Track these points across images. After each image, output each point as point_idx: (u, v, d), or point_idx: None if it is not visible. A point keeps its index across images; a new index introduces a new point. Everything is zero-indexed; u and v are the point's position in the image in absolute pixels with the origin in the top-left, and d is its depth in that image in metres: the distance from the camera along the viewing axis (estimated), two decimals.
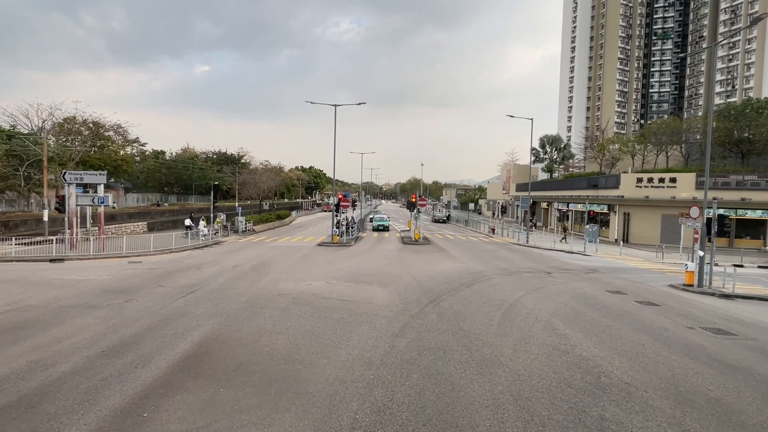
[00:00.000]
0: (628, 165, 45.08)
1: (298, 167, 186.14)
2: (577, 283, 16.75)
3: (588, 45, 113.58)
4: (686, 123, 42.72)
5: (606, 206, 37.13)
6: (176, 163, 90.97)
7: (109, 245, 22.09)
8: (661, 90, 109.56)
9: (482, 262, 21.70)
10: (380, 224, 42.12)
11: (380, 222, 42.70)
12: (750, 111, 37.88)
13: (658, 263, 25.32)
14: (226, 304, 12.13)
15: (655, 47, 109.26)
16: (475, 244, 31.85)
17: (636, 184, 34.19)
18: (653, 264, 24.89)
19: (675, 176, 32.68)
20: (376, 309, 11.72)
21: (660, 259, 26.38)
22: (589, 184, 40.44)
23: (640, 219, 34.11)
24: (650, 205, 33.72)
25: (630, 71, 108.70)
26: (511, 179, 68.04)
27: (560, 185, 47.86)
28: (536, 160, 63.30)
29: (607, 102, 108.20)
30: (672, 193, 32.61)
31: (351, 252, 25.39)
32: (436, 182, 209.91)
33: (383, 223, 42.25)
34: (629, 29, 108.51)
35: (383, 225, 41.99)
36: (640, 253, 29.21)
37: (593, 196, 38.71)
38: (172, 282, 15.41)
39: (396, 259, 22.49)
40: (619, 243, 33.91)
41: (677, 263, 25.39)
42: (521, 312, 11.66)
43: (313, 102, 30.51)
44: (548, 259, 24.53)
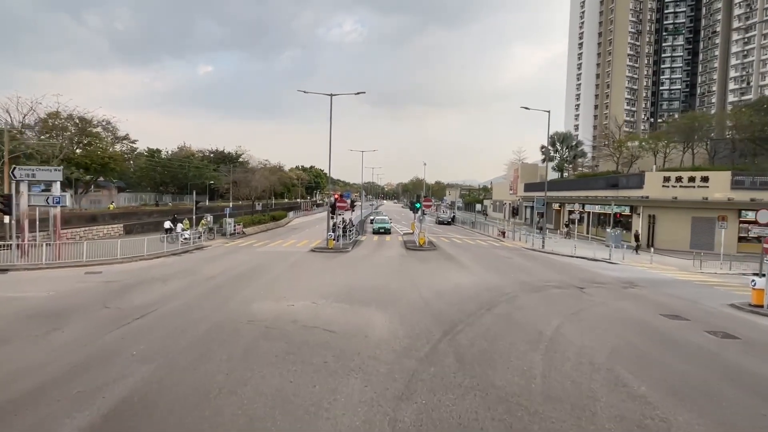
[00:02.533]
0: (648, 163, 42.00)
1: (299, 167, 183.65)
2: (621, 304, 13.73)
3: (596, 41, 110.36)
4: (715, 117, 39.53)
5: (628, 208, 34.04)
6: (171, 162, 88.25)
7: (69, 252, 19.20)
8: (671, 87, 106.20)
9: (499, 274, 18.69)
10: (381, 226, 39.12)
11: (381, 224, 39.69)
12: None
13: (696, 273, 22.26)
14: (177, 337, 9.20)
15: (665, 43, 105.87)
16: (485, 249, 28.83)
17: (663, 184, 31.13)
18: (691, 274, 21.83)
19: (707, 175, 29.61)
20: (372, 347, 8.76)
21: (697, 268, 23.31)
22: (607, 184, 37.37)
23: (667, 222, 31.04)
24: (678, 206, 30.65)
25: (640, 68, 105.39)
26: (518, 179, 64.95)
27: (574, 185, 44.80)
28: (546, 158, 60.18)
29: (616, 100, 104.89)
30: (703, 194, 29.53)
31: (347, 259, 22.42)
32: (439, 182, 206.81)
33: (384, 226, 39.25)
34: (639, 25, 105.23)
35: (384, 227, 38.97)
36: (672, 260, 26.14)
37: (613, 197, 35.59)
38: (124, 301, 12.49)
39: (398, 268, 19.50)
40: (643, 248, 30.87)
41: (719, 273, 22.35)
42: (567, 352, 8.67)
43: (307, 91, 27.66)
44: (572, 269, 21.49)
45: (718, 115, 38.99)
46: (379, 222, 40.63)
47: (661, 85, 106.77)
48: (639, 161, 42.77)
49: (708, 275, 21.66)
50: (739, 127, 33.42)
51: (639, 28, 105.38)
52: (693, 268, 23.44)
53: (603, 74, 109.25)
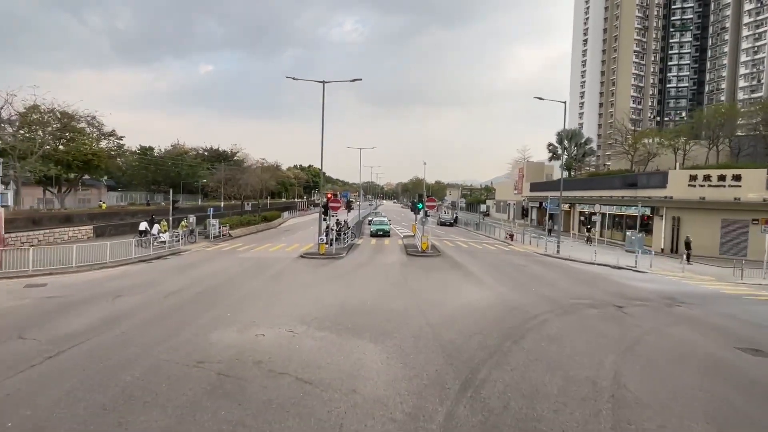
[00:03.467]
0: (667, 162, 39.32)
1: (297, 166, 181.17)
2: (677, 331, 10.97)
3: (601, 38, 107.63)
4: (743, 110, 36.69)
5: (649, 209, 31.26)
6: (164, 160, 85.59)
7: (14, 260, 16.44)
8: (679, 85, 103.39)
9: (517, 287, 15.93)
10: (379, 228, 36.16)
11: (379, 226, 36.68)
12: None
13: (739, 284, 19.51)
14: (88, 392, 6.45)
15: (673, 39, 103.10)
16: (495, 255, 26.06)
17: (689, 183, 28.39)
18: (734, 286, 19.08)
19: (739, 173, 26.86)
20: (363, 412, 6.00)
21: (738, 278, 20.56)
22: (624, 183, 34.63)
23: (693, 225, 28.29)
24: (707, 208, 27.91)
25: (646, 65, 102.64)
26: (523, 178, 62.24)
27: (586, 184, 42.07)
28: (552, 156, 57.47)
29: (621, 98, 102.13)
30: (735, 194, 26.80)
31: (339, 268, 19.65)
32: (439, 182, 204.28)
33: (383, 228, 36.33)
34: (646, 21, 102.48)
35: (383, 230, 36.06)
36: (705, 269, 23.40)
37: (631, 197, 32.89)
38: (49, 328, 9.75)
39: (398, 280, 16.73)
40: (667, 253, 28.16)
41: (764, 284, 19.59)
42: (646, 422, 5.90)
43: (296, 78, 24.81)
44: (598, 280, 18.72)
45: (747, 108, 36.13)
46: (378, 224, 37.48)
47: (668, 82, 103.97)
48: (656, 159, 40.04)
49: (753, 287, 18.92)
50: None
51: (645, 24, 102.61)
52: (733, 278, 20.70)
53: (608, 71, 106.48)
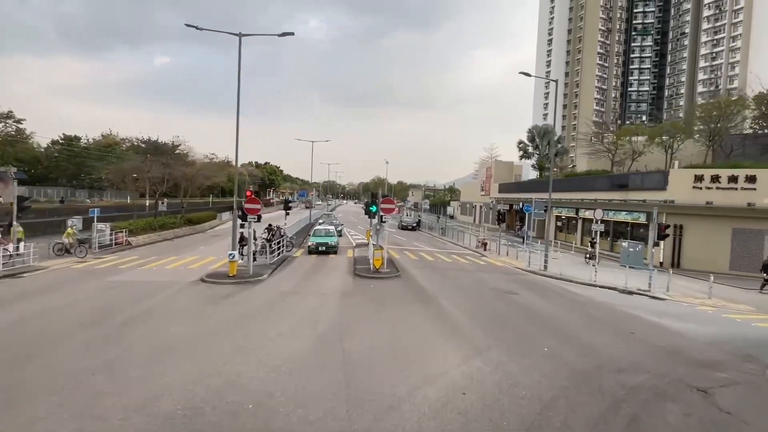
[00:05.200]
0: (654, 162, 35.43)
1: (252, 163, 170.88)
2: None
3: (566, 38, 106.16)
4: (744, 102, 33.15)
5: (644, 215, 26.73)
6: (89, 152, 74.81)
7: None
8: (640, 89, 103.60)
9: (518, 343, 9.93)
10: (322, 242, 24.40)
11: (322, 239, 24.83)
12: None
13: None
14: None
15: (634, 43, 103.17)
16: (469, 274, 20.26)
17: (693, 185, 23.91)
18: None
19: (754, 174, 22.61)
20: None
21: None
22: (612, 184, 30.03)
23: (698, 234, 23.87)
24: (715, 214, 23.53)
25: (609, 67, 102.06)
26: (491, 178, 57.66)
27: (564, 185, 37.46)
28: (523, 155, 53.16)
29: (585, 99, 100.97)
30: (749, 198, 22.52)
31: (247, 303, 13.04)
32: (402, 182, 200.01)
33: (326, 241, 24.62)
34: (609, 23, 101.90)
35: (326, 243, 24.35)
36: (738, 294, 18.63)
37: (621, 201, 28.29)
38: None
39: (331, 331, 10.33)
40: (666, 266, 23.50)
41: None
42: None
43: (200, 28, 17.91)
44: (621, 319, 13.18)
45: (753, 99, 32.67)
46: (321, 235, 25.78)
47: (630, 86, 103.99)
48: (642, 158, 36.15)
49: None
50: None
51: (609, 26, 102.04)
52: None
53: (572, 73, 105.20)
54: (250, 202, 17.16)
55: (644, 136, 37.52)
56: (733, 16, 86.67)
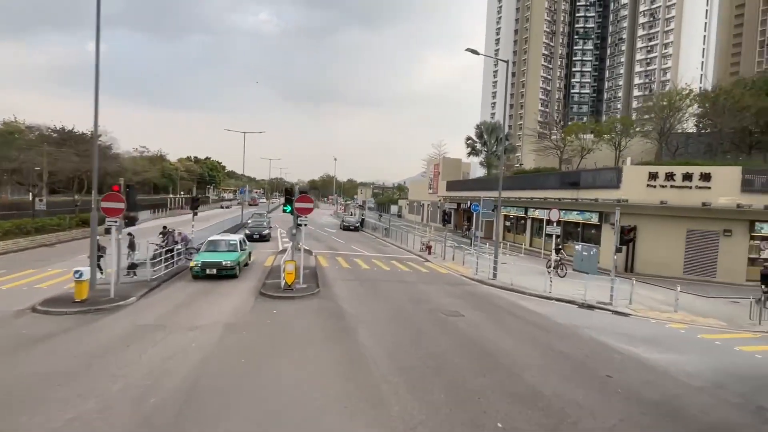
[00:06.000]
0: (603, 159, 34.29)
1: (190, 158, 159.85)
2: None
3: (512, 39, 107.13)
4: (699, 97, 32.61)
5: (596, 215, 24.91)
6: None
7: None
8: (581, 91, 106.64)
9: (458, 417, 6.61)
10: (212, 261, 16.08)
11: (213, 256, 16.54)
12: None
13: (756, 330, 12.70)
14: None
15: (576, 47, 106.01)
16: (407, 287, 16.99)
17: (647, 183, 22.25)
18: None
19: (709, 171, 21.20)
20: None
21: (755, 321, 13.86)
22: (563, 182, 28.16)
23: (653, 236, 22.25)
24: (669, 214, 21.98)
25: (553, 69, 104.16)
26: (439, 176, 55.40)
27: (513, 183, 35.52)
28: (471, 152, 51.27)
29: (531, 100, 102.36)
30: (704, 198, 21.10)
31: (66, 351, 8.77)
32: (351, 180, 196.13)
33: (219, 260, 16.15)
34: (554, 25, 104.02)
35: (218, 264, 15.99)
36: (701, 304, 16.69)
37: (572, 200, 26.40)
38: None
39: (168, 403, 6.47)
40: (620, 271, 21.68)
41: None
42: None
43: None
44: (588, 350, 10.36)
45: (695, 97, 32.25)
46: (214, 250, 17.26)
47: (572, 88, 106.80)
48: (590, 155, 35.06)
49: None
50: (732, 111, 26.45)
51: (553, 29, 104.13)
52: (749, 322, 13.98)
53: (519, 73, 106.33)
54: (110, 199, 12.75)
55: (591, 134, 36.51)
56: (665, 24, 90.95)
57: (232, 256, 16.59)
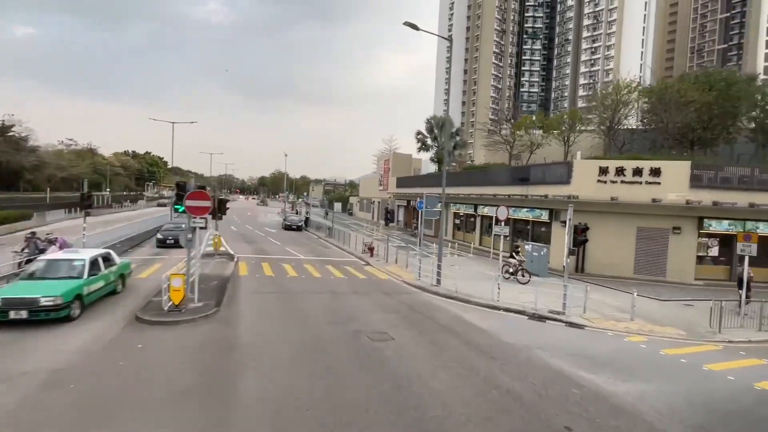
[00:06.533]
0: (552, 154, 33.46)
1: (127, 152, 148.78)
2: None
3: (464, 36, 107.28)
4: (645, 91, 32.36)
5: (546, 212, 23.56)
6: None
7: None
8: (530, 90, 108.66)
9: None
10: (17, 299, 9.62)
11: (23, 292, 9.88)
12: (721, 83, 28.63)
13: (737, 346, 11.36)
14: None
15: (526, 46, 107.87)
16: (335, 298, 14.48)
17: (598, 178, 21.07)
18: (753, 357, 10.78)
19: (659, 166, 20.28)
20: None
21: (715, 331, 12.57)
22: (512, 178, 26.71)
23: (603, 234, 21.11)
24: (620, 211, 20.91)
25: (504, 67, 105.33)
26: (389, 172, 53.30)
27: (462, 180, 33.99)
28: (422, 147, 49.53)
29: (482, 97, 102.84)
30: (654, 194, 20.16)
31: None
32: (305, 177, 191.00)
33: (37, 294, 9.71)
34: (504, 24, 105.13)
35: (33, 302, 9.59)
36: (656, 309, 15.34)
37: (522, 196, 24.94)
38: None
39: None
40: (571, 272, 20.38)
41: (755, 342, 11.89)
42: None
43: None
44: (542, 385, 8.29)
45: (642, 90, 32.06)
46: (37, 281, 10.68)
47: (522, 87, 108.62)
48: (540, 151, 34.20)
49: (755, 352, 10.85)
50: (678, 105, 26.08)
51: (504, 27, 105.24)
52: (709, 330, 12.68)
53: (471, 70, 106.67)
54: None
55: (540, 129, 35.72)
56: (608, 27, 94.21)
57: (61, 287, 10.17)
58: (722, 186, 19.98)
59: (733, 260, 20.61)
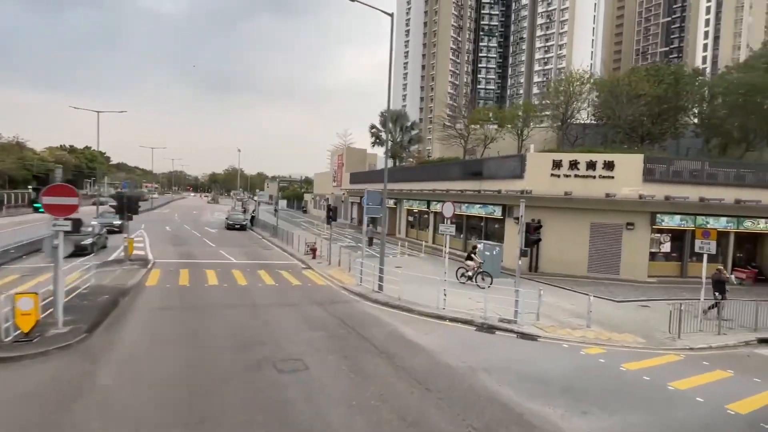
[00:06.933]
0: (506, 148, 32.56)
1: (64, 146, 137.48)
2: None
3: (422, 31, 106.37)
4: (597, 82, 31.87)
5: (499, 208, 22.31)
6: None
7: None
8: (487, 87, 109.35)
9: None
10: None
11: None
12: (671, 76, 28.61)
13: (697, 354, 10.25)
14: None
15: (482, 43, 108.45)
16: (257, 312, 12.29)
17: (552, 172, 19.99)
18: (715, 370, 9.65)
19: (612, 159, 19.44)
20: None
21: (674, 338, 11.51)
22: (465, 173, 25.38)
23: (558, 231, 20.09)
24: (574, 207, 19.94)
25: (461, 64, 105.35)
26: (343, 167, 51.12)
27: (416, 175, 32.47)
28: (376, 141, 47.70)
29: (440, 94, 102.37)
30: (608, 188, 19.30)
31: None
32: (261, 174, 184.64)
33: None
34: (461, 20, 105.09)
35: None
36: (612, 312, 14.19)
37: (474, 192, 23.62)
38: None
39: None
40: (524, 271, 19.30)
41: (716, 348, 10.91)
42: None
43: None
44: (492, 425, 6.57)
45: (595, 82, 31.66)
46: None
47: (478, 83, 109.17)
48: (494, 145, 33.25)
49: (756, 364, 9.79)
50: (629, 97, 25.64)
51: (461, 24, 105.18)
52: (668, 336, 11.60)
53: (428, 66, 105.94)
54: None
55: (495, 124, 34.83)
56: (560, 27, 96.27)
57: None
58: (674, 180, 19.43)
59: (684, 256, 20.21)
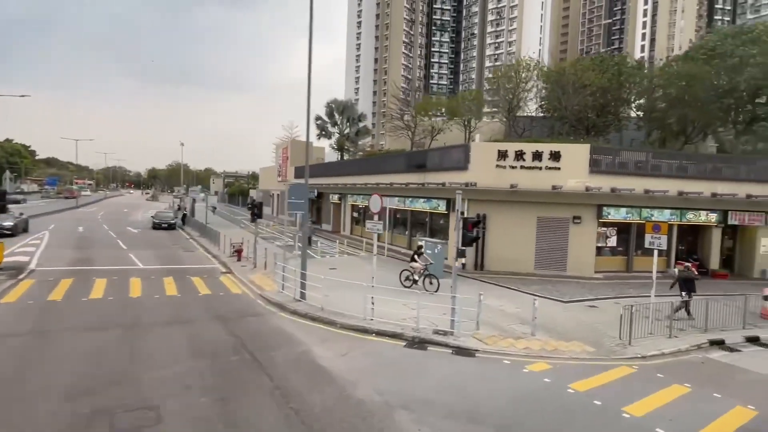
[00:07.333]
0: (454, 139, 31.24)
1: None
2: None
3: (374, 24, 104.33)
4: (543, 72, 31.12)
5: (444, 202, 20.79)
6: None
7: None
8: (440, 82, 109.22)
9: None
10: None
11: None
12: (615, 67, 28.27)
13: (630, 356, 9.01)
14: None
15: (434, 38, 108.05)
16: (133, 336, 9.83)
17: (497, 163, 18.65)
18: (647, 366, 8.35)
19: (559, 149, 18.38)
20: None
21: (624, 346, 10.29)
22: (409, 164, 23.69)
23: (503, 225, 18.84)
24: (520, 200, 18.74)
25: (413, 58, 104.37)
26: (288, 161, 48.21)
27: (360, 168, 30.48)
28: (322, 133, 45.22)
29: (393, 88, 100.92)
30: (554, 180, 18.23)
31: None
32: (210, 169, 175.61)
33: None
34: (413, 14, 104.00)
35: None
36: (557, 314, 12.87)
37: (418, 185, 21.99)
38: None
39: None
40: (469, 270, 17.95)
41: (669, 353, 9.78)
42: None
43: None
44: None
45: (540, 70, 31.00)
46: None
47: (431, 78, 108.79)
48: (441, 137, 31.92)
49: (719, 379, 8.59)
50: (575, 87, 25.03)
51: (413, 18, 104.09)
52: (618, 343, 10.38)
53: (381, 59, 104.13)
54: None
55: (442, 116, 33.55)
56: (510, 24, 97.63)
57: None
58: (620, 171, 18.71)
59: (630, 250, 19.63)
